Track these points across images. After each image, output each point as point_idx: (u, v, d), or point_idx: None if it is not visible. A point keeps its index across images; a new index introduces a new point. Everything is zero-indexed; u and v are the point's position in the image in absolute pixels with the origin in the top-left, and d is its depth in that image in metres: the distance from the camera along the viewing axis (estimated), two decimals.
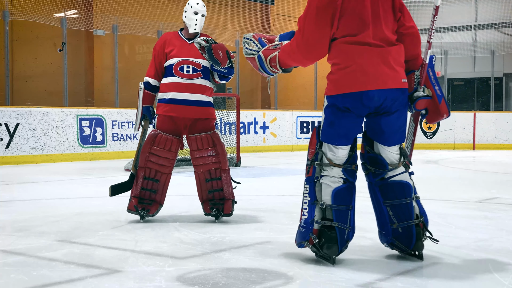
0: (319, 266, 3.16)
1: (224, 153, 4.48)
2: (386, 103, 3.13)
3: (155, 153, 4.42)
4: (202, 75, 4.46)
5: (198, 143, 4.42)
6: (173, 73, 4.44)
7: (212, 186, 4.47)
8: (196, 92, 4.44)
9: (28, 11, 11.33)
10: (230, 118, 10.92)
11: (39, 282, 2.86)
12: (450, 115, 3.40)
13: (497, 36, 17.50)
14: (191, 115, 4.43)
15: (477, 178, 8.04)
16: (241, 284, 2.83)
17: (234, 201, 4.53)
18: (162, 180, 4.47)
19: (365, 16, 3.09)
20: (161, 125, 4.47)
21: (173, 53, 4.47)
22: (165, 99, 4.45)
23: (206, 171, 4.45)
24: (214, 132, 4.48)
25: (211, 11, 14.78)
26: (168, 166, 4.47)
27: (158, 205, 4.50)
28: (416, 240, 3.27)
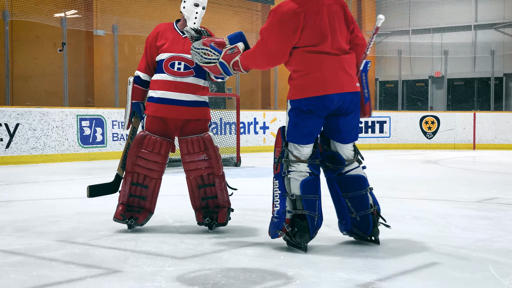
0: (319, 266, 3.16)
1: (217, 157, 4.05)
2: (344, 105, 3.54)
3: (143, 156, 4.03)
4: (194, 73, 4.02)
5: (188, 146, 4.03)
6: (163, 69, 4.04)
7: (206, 193, 4.09)
8: (186, 91, 4.02)
9: (28, 11, 11.33)
10: (230, 118, 10.91)
11: (39, 282, 2.86)
12: (371, 116, 3.83)
13: (497, 36, 17.50)
14: (181, 116, 4.05)
15: (477, 178, 8.04)
16: (241, 284, 2.83)
17: (231, 209, 4.13)
18: (151, 186, 4.09)
19: (324, 29, 3.50)
20: (149, 126, 4.08)
21: (164, 48, 4.08)
22: (153, 98, 4.07)
23: (198, 176, 4.07)
24: (206, 134, 4.06)
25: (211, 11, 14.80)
26: (157, 171, 4.07)
27: (147, 213, 4.11)
28: (373, 227, 3.68)
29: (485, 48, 16.80)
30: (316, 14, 3.48)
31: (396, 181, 7.49)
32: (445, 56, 15.89)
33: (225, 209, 4.09)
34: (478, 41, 17.57)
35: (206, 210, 4.10)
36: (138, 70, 4.19)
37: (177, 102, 4.02)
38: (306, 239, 3.48)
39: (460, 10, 18.04)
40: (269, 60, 3.57)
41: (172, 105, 4.02)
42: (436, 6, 18.14)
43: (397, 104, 15.86)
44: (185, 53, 4.04)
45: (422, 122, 14.39)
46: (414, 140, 14.37)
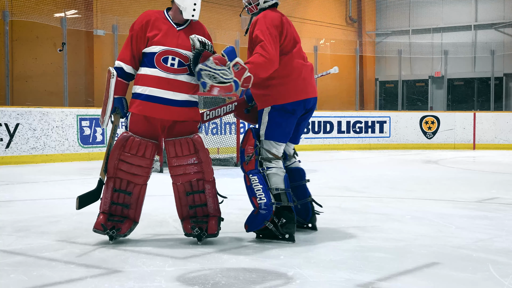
0: (319, 266, 3.17)
1: (208, 161, 3.68)
2: (312, 108, 4.00)
3: (125, 160, 3.65)
4: (189, 70, 3.68)
5: (176, 148, 3.65)
6: (155, 64, 3.63)
7: (194, 200, 3.72)
8: (180, 90, 3.65)
9: (28, 11, 11.33)
10: (230, 118, 10.92)
11: (39, 282, 2.86)
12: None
13: (497, 36, 17.50)
14: (172, 116, 3.67)
15: (477, 178, 8.04)
16: (241, 284, 2.83)
17: (221, 219, 3.76)
18: (135, 193, 3.70)
19: (296, 37, 3.90)
20: (134, 126, 3.70)
21: (157, 39, 3.66)
22: (141, 94, 3.66)
23: (186, 182, 3.69)
24: (197, 136, 3.69)
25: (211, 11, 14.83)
26: (142, 176, 3.69)
27: (131, 223, 3.74)
28: (312, 214, 4.12)
29: (485, 48, 16.80)
30: (289, 23, 3.92)
31: (396, 181, 7.49)
32: (445, 56, 15.89)
33: (215, 219, 3.72)
34: (478, 41, 17.57)
35: (194, 219, 3.72)
36: (120, 61, 3.73)
37: (168, 102, 3.64)
38: (294, 229, 3.79)
39: (460, 10, 18.05)
40: (272, 68, 3.74)
41: (163, 104, 3.64)
42: (436, 6, 18.14)
43: (397, 104, 15.86)
44: (180, 48, 3.67)
45: (422, 122, 14.40)
46: (414, 140, 14.37)
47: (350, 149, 13.90)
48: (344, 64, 17.88)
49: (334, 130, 13.94)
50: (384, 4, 18.60)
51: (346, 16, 18.66)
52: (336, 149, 13.70)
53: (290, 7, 16.29)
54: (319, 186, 6.80)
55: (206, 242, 3.77)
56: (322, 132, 13.80)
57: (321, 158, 11.38)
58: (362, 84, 18.38)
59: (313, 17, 17.08)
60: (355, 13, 18.84)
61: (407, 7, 18.42)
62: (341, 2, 18.56)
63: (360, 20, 18.86)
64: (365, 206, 5.31)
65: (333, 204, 5.40)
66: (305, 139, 13.53)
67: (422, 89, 18.55)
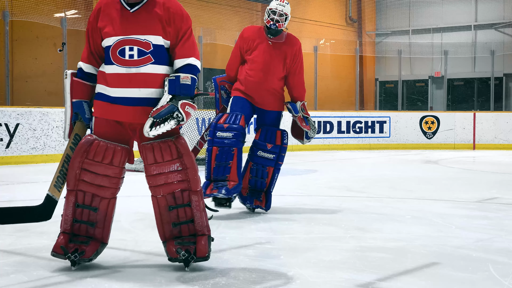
0: (319, 266, 3.17)
1: (194, 166, 3.07)
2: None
3: (89, 169, 3.06)
4: (153, 59, 3.03)
5: (155, 154, 3.04)
6: (111, 59, 3.05)
7: (178, 216, 3.09)
8: (145, 85, 3.04)
9: (28, 11, 11.33)
10: None
11: (39, 282, 2.86)
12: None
13: (497, 36, 17.50)
14: (141, 118, 3.04)
15: (477, 178, 8.04)
16: (241, 284, 2.83)
17: (211, 238, 3.15)
18: (102, 208, 3.12)
19: None
20: (99, 128, 3.14)
21: (107, 30, 3.06)
22: (102, 95, 3.11)
23: (168, 194, 3.07)
24: (179, 137, 3.06)
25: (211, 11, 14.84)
26: (109, 188, 3.10)
27: (98, 244, 3.15)
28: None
29: (485, 48, 16.80)
30: None
31: (396, 181, 7.49)
32: (445, 56, 15.89)
33: (205, 238, 3.09)
34: (478, 41, 17.57)
35: (179, 240, 3.10)
36: (81, 60, 3.22)
37: (134, 101, 3.05)
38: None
39: (460, 10, 18.05)
40: None
41: (128, 105, 3.05)
42: (436, 6, 18.14)
43: (397, 104, 15.86)
44: (137, 34, 3.03)
45: (422, 122, 14.39)
46: (414, 140, 14.37)
47: (350, 149, 13.90)
48: (344, 64, 17.89)
49: (334, 130, 13.93)
50: (384, 4, 18.59)
51: (346, 16, 18.66)
52: (336, 149, 13.70)
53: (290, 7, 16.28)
54: (319, 186, 6.80)
55: None
56: (322, 132, 13.80)
57: (321, 158, 11.38)
58: (362, 84, 18.38)
59: (313, 17, 17.08)
60: (355, 13, 18.84)
61: (407, 7, 18.42)
62: (341, 2, 18.56)
63: (360, 20, 18.86)
64: (365, 206, 5.31)
65: (333, 204, 5.40)
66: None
67: (422, 89, 18.55)
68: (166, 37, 3.05)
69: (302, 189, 6.45)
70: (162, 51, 3.05)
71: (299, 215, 4.79)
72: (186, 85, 3.00)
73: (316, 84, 14.83)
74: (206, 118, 11.06)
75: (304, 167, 9.21)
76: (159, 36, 3.03)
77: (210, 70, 14.89)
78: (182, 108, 2.94)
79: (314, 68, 15.01)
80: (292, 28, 16.73)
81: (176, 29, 3.06)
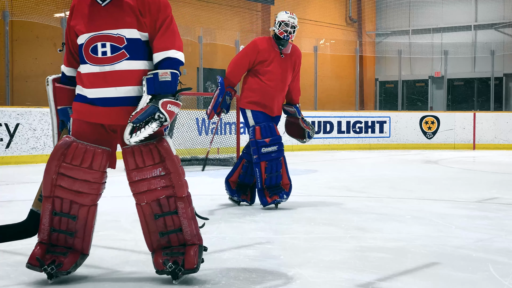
0: (319, 266, 3.17)
1: (178, 171, 2.84)
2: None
3: (66, 173, 2.81)
4: (128, 54, 2.80)
5: (136, 158, 2.81)
6: (84, 58, 2.84)
7: (166, 225, 2.87)
8: (122, 83, 2.80)
9: (28, 11, 11.33)
10: (230, 118, 10.92)
11: (39, 282, 2.85)
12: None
13: (497, 36, 17.50)
14: (119, 119, 2.83)
15: (477, 178, 8.04)
16: (241, 284, 2.83)
17: (203, 248, 2.93)
18: (81, 216, 2.87)
19: None
20: (78, 129, 2.88)
21: (80, 27, 2.85)
22: (79, 96, 2.91)
23: (153, 201, 2.85)
24: (162, 140, 2.83)
25: (211, 11, 14.84)
26: (89, 194, 2.86)
27: (77, 256, 2.91)
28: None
29: (485, 48, 16.80)
30: None
31: (396, 181, 7.49)
32: (445, 56, 15.89)
33: (195, 248, 2.86)
34: (478, 41, 17.57)
35: (168, 251, 2.88)
36: (63, 63, 3.05)
37: (111, 102, 2.82)
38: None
39: (460, 10, 18.05)
40: None
41: (105, 106, 2.82)
42: (436, 6, 18.15)
43: (397, 104, 15.87)
44: (109, 29, 2.80)
45: (422, 122, 14.40)
46: (414, 140, 14.37)
47: (350, 149, 13.91)
48: (344, 64, 17.89)
49: (334, 130, 13.94)
50: (384, 4, 18.60)
51: (346, 16, 18.67)
52: (336, 149, 13.70)
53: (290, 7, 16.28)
54: (319, 186, 6.80)
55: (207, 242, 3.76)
56: (322, 132, 13.80)
57: (321, 158, 11.38)
58: (362, 84, 18.38)
59: (313, 17, 17.08)
60: (355, 13, 18.84)
61: (407, 7, 18.42)
62: (341, 2, 18.56)
63: (360, 20, 18.86)
64: (365, 206, 5.31)
65: (333, 204, 5.40)
66: None
67: (422, 89, 18.55)
68: (142, 29, 2.79)
69: (302, 189, 6.45)
70: (138, 45, 2.80)
71: (299, 215, 4.80)
72: (166, 82, 2.75)
73: (316, 84, 14.84)
74: (206, 118, 11.06)
75: (304, 167, 9.21)
76: (134, 29, 2.77)
77: (210, 70, 14.89)
78: (163, 108, 2.69)
79: (314, 68, 15.01)
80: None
81: (153, 19, 2.80)
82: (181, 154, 9.57)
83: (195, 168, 8.93)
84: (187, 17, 13.91)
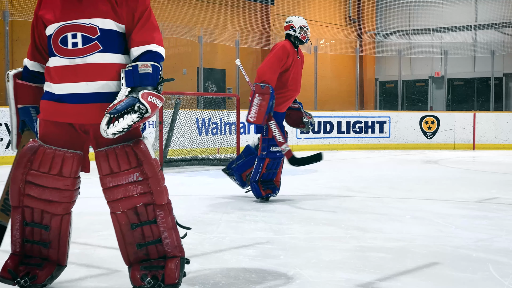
0: (319, 266, 3.17)
1: (156, 176, 2.55)
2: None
3: (35, 181, 2.56)
4: (101, 46, 2.51)
5: (111, 162, 2.55)
6: (53, 50, 2.55)
7: (144, 235, 2.59)
8: (93, 78, 2.51)
9: (28, 11, 11.32)
10: (230, 118, 10.92)
11: None
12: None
13: (497, 36, 17.51)
14: (91, 118, 2.54)
15: (477, 178, 8.04)
16: (241, 284, 2.83)
17: (185, 260, 2.63)
18: (54, 226, 2.63)
19: None
20: (45, 132, 2.61)
21: (49, 17, 2.57)
22: (47, 93, 2.61)
23: (129, 210, 2.57)
24: (139, 142, 2.55)
25: (211, 11, 14.83)
26: (60, 203, 2.61)
27: (53, 267, 2.69)
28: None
29: (485, 48, 16.80)
30: None
31: (396, 181, 7.50)
32: (445, 56, 15.90)
33: (176, 261, 2.57)
34: (478, 41, 17.57)
35: (146, 265, 2.59)
36: (26, 57, 2.76)
37: (81, 98, 2.53)
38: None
39: (460, 10, 18.05)
40: None
41: (75, 103, 2.54)
42: (436, 6, 18.15)
43: (397, 104, 15.87)
44: (81, 18, 2.52)
45: (422, 122, 14.40)
46: (414, 140, 14.37)
47: (350, 149, 13.91)
48: (344, 64, 17.89)
49: (334, 130, 13.94)
50: (384, 4, 18.60)
51: (346, 16, 18.67)
52: (336, 149, 13.70)
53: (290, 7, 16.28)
54: (319, 186, 6.80)
55: (207, 242, 3.76)
56: (322, 132, 13.80)
57: None
58: (362, 84, 18.38)
59: (313, 17, 17.08)
60: (355, 13, 18.84)
61: (407, 7, 18.42)
62: (341, 2, 18.57)
63: (360, 20, 18.86)
64: (365, 206, 5.31)
65: (333, 204, 5.40)
66: (305, 139, 13.54)
67: (422, 89, 18.55)
68: (119, 20, 2.53)
69: (302, 189, 6.45)
70: (113, 36, 2.53)
71: (299, 215, 4.80)
72: (147, 74, 2.49)
73: (316, 84, 14.84)
74: (206, 118, 11.06)
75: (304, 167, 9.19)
76: (108, 19, 2.50)
77: (210, 70, 14.90)
78: (144, 99, 2.42)
79: (314, 68, 15.01)
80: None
81: (130, 10, 2.54)
82: (181, 154, 9.57)
83: (195, 168, 8.93)
84: (187, 17, 13.91)
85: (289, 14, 16.26)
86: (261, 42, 15.72)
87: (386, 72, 18.85)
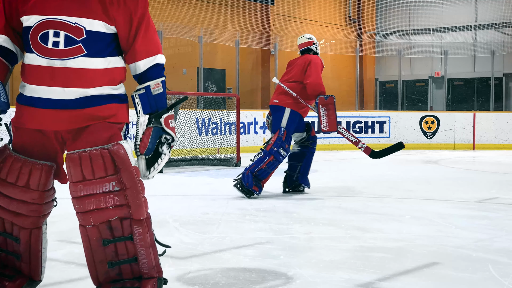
0: (319, 266, 3.17)
1: (136, 186, 2.24)
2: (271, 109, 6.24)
3: (2, 191, 2.33)
4: (85, 50, 2.22)
5: (83, 167, 2.23)
6: (31, 45, 2.25)
7: (117, 253, 2.30)
8: (72, 84, 2.23)
9: None
10: (230, 118, 10.92)
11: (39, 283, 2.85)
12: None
13: (497, 36, 17.51)
14: (67, 125, 2.28)
15: (477, 178, 8.05)
16: (241, 284, 2.83)
17: (163, 280, 2.40)
18: (23, 240, 2.38)
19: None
20: (17, 139, 2.39)
21: (28, 7, 2.24)
22: (20, 96, 2.41)
23: (102, 223, 2.25)
24: (118, 146, 2.24)
25: (211, 11, 14.83)
26: (28, 216, 2.35)
27: (25, 281, 2.44)
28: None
29: (485, 48, 16.81)
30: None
31: (396, 181, 7.50)
32: (445, 56, 15.90)
33: (153, 282, 2.34)
34: (478, 41, 17.57)
35: (118, 286, 2.33)
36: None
37: (56, 104, 2.26)
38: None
39: (460, 10, 18.05)
40: None
41: (48, 108, 2.27)
42: (436, 6, 18.15)
43: (397, 104, 15.87)
44: (66, 15, 2.21)
45: (422, 122, 14.40)
46: (414, 140, 14.37)
47: (350, 149, 13.90)
48: (344, 64, 17.89)
49: None
50: (384, 4, 18.60)
51: (346, 16, 18.67)
52: (336, 149, 13.70)
53: (290, 7, 16.28)
54: (319, 186, 6.80)
55: (207, 242, 3.76)
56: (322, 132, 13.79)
57: (321, 158, 11.37)
58: (362, 84, 18.38)
59: (313, 17, 17.09)
60: (355, 13, 18.84)
61: (407, 7, 18.42)
62: (341, 2, 18.57)
63: (360, 20, 18.86)
64: (365, 206, 5.31)
65: (333, 204, 5.40)
66: None
67: (422, 89, 18.55)
68: (110, 22, 2.24)
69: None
70: (100, 39, 2.24)
71: (299, 215, 4.80)
72: (160, 95, 2.32)
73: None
74: (206, 118, 11.06)
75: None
76: (97, 20, 2.21)
77: (210, 70, 14.90)
78: (167, 127, 2.30)
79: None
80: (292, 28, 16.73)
81: (128, 11, 2.25)
82: (181, 154, 9.57)
83: (195, 168, 8.93)
84: (187, 17, 13.91)
85: (289, 14, 16.28)
86: (261, 42, 15.72)
87: (386, 72, 18.85)
